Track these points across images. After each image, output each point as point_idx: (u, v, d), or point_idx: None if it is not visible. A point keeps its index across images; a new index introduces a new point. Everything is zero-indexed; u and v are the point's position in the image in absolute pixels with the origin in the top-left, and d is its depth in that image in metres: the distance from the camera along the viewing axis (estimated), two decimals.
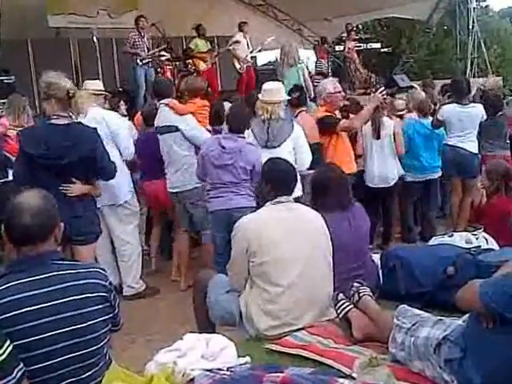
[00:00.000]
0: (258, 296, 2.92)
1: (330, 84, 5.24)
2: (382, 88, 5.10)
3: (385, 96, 5.05)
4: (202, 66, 9.63)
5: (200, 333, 2.71)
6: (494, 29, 20.38)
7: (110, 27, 10.12)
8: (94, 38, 8.46)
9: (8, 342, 1.86)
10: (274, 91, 4.52)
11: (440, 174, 5.96)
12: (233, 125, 4.39)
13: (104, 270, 2.29)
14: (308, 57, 12.18)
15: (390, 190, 5.69)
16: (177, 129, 4.75)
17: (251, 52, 10.05)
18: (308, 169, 4.52)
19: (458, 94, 5.87)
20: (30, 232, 2.04)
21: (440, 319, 2.67)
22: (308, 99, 6.06)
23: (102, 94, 4.86)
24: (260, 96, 4.58)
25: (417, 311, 2.91)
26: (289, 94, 4.94)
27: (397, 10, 13.25)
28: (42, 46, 9.32)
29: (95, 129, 3.75)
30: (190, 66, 9.53)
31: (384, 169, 5.62)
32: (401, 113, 6.29)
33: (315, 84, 7.70)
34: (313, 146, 4.71)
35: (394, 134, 5.64)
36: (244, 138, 4.39)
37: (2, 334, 1.88)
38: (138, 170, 5.22)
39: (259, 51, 10.63)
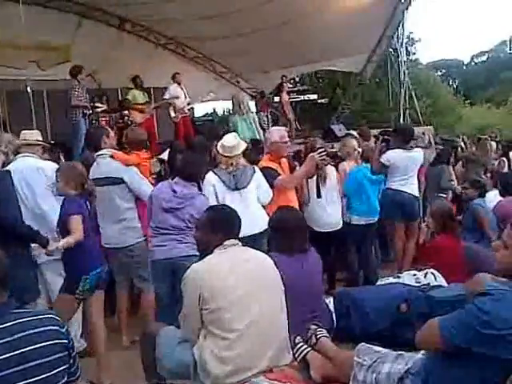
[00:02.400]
0: (213, 344, 2.81)
1: (277, 133, 5.21)
2: (322, 149, 4.96)
3: (324, 157, 4.90)
4: (139, 117, 9.53)
5: None
6: (424, 80, 21.56)
7: (40, 79, 9.85)
8: (28, 89, 8.19)
9: None
10: (235, 147, 4.66)
11: (378, 218, 5.99)
12: (185, 172, 4.36)
13: (57, 316, 2.22)
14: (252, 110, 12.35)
15: (333, 234, 5.69)
16: (122, 181, 4.55)
17: (188, 104, 10.10)
18: None
19: (403, 140, 5.95)
20: None
21: (400, 354, 2.70)
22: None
23: (39, 145, 4.69)
24: (221, 150, 4.68)
25: (376, 348, 2.94)
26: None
27: (332, 62, 13.73)
28: None
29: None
30: (126, 117, 9.37)
31: (329, 214, 5.65)
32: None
33: None
34: None
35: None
36: (195, 186, 4.38)
37: None
38: None
39: (201, 102, 10.67)
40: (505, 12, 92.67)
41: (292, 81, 12.38)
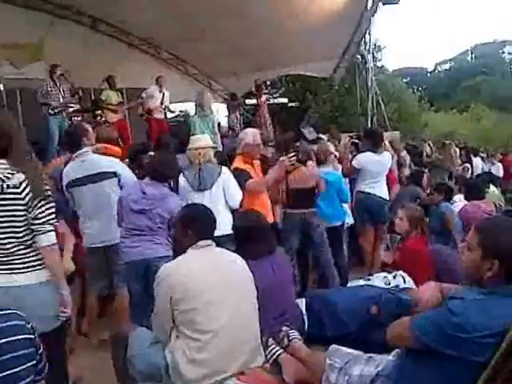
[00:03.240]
0: (184, 346, 2.81)
1: (250, 135, 5.21)
2: (292, 154, 4.99)
3: (293, 162, 4.96)
4: (112, 117, 9.52)
5: None
6: (390, 87, 21.98)
7: (14, 77, 9.80)
8: (1, 86, 8.12)
9: None
10: (202, 138, 4.76)
11: (341, 222, 6.02)
12: (155, 173, 4.34)
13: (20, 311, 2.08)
14: (217, 110, 12.41)
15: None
16: (114, 174, 4.48)
17: (165, 107, 10.11)
18: None
19: (373, 143, 6.02)
20: None
21: (370, 356, 2.75)
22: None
23: None
24: (189, 145, 4.73)
25: (348, 350, 2.99)
26: None
27: (302, 67, 13.88)
28: None
29: None
30: (99, 117, 9.35)
31: None
32: None
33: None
34: None
35: None
36: (166, 186, 4.37)
37: None
38: None
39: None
40: (468, 22, 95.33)
41: (264, 84, 12.47)
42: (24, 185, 2.72)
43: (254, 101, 12.40)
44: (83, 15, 11.69)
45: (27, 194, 2.72)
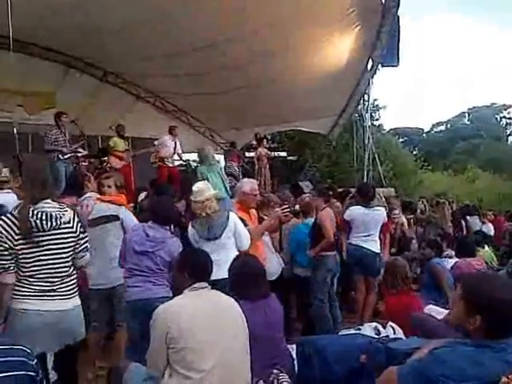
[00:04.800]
0: (177, 382, 2.92)
1: (248, 184, 5.33)
2: (285, 206, 5.20)
3: (287, 214, 5.13)
4: (118, 163, 9.82)
5: None
6: (386, 145, 22.44)
7: (26, 123, 10.21)
8: (15, 130, 8.47)
9: None
10: (205, 189, 4.76)
11: None
12: (157, 216, 4.44)
13: (28, 348, 2.17)
14: (218, 160, 12.68)
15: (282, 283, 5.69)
16: (117, 218, 4.69)
17: (179, 155, 10.45)
18: None
19: (364, 198, 6.20)
20: None
21: None
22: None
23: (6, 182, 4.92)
24: (192, 198, 4.78)
25: None
26: None
27: (301, 123, 14.29)
28: None
29: None
30: (105, 163, 9.67)
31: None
32: None
33: None
34: None
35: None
36: (167, 229, 4.48)
37: None
38: None
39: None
40: (465, 84, 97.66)
41: (264, 138, 12.84)
42: (74, 220, 3.26)
43: (253, 153, 12.70)
44: (94, 67, 12.23)
45: (77, 228, 3.25)
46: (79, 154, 9.03)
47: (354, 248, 6.15)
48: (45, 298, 3.20)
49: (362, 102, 13.97)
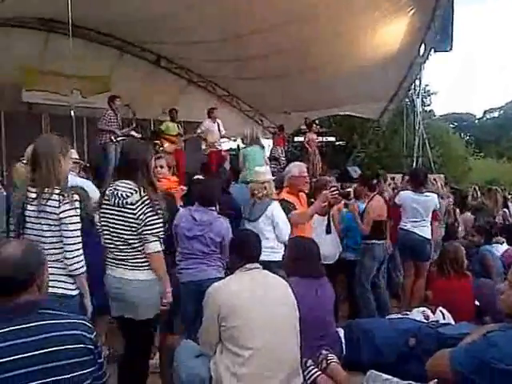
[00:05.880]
0: (228, 360, 3.00)
1: (296, 167, 5.33)
2: (334, 188, 5.12)
3: (336, 195, 5.05)
4: (170, 147, 10.00)
5: None
6: (437, 131, 21.95)
7: (82, 106, 10.50)
8: (72, 113, 8.78)
9: None
10: (266, 172, 4.97)
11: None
12: (203, 198, 4.51)
13: (89, 322, 2.20)
14: (269, 145, 12.74)
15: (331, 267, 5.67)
16: None
17: (222, 137, 10.45)
18: None
19: (415, 183, 6.17)
20: (5, 285, 2.02)
21: (410, 383, 2.91)
22: None
23: (77, 163, 4.95)
24: (254, 177, 4.96)
25: (386, 376, 3.21)
26: None
27: (351, 108, 14.13)
28: (14, 118, 9.60)
29: None
30: (157, 146, 9.85)
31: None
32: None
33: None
34: None
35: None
36: (213, 210, 4.53)
37: None
38: None
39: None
40: None
41: (313, 122, 12.80)
42: (138, 204, 3.31)
43: (302, 138, 12.68)
44: (148, 52, 12.48)
45: (139, 211, 3.31)
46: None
47: (404, 233, 6.12)
48: (113, 265, 3.43)
49: (413, 87, 13.76)
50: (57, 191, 3.07)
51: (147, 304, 3.40)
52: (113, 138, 8.62)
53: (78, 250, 3.10)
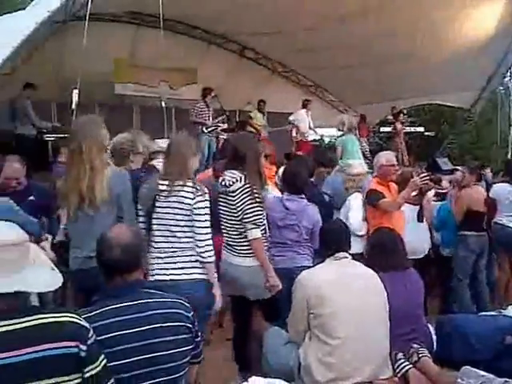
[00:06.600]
0: (317, 348, 3.02)
1: (384, 157, 5.29)
2: (424, 174, 5.01)
3: (426, 181, 4.91)
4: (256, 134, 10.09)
5: None
6: None
7: (170, 97, 10.72)
8: (163, 103, 9.10)
9: (103, 357, 1.90)
10: (361, 165, 5.20)
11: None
12: (293, 186, 4.50)
13: (187, 302, 2.33)
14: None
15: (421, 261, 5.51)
16: None
17: (310, 129, 10.53)
18: None
19: (510, 175, 6.02)
20: (120, 265, 2.18)
21: (507, 381, 2.83)
22: None
23: None
24: (347, 169, 5.09)
25: (481, 372, 3.07)
26: None
27: (440, 97, 13.60)
28: (107, 110, 10.00)
29: None
30: None
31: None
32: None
33: None
34: None
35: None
36: (304, 198, 4.52)
37: (99, 348, 1.91)
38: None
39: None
40: None
41: (401, 112, 12.47)
42: (237, 192, 3.58)
43: (388, 128, 12.40)
44: (234, 43, 12.61)
45: (238, 199, 3.58)
46: (219, 129, 9.43)
47: (499, 227, 5.91)
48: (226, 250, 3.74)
49: (508, 74, 12.99)
50: (190, 184, 3.29)
51: (256, 288, 3.65)
52: (204, 129, 8.86)
53: (209, 239, 3.29)
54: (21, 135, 8.16)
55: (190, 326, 2.26)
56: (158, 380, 2.13)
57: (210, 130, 8.99)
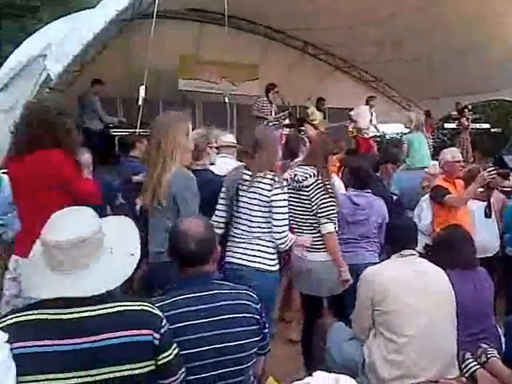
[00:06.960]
0: (382, 345, 2.99)
1: (449, 153, 5.26)
2: (491, 168, 4.89)
3: (494, 176, 4.84)
4: (313, 132, 10.02)
5: None
6: None
7: (232, 93, 10.87)
8: (226, 99, 9.23)
9: (175, 345, 1.96)
10: (435, 166, 5.13)
11: None
12: (359, 181, 4.55)
13: (255, 294, 2.37)
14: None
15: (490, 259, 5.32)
16: None
17: (374, 126, 10.44)
18: None
19: None
20: (193, 256, 2.24)
21: None
22: None
23: (235, 147, 5.09)
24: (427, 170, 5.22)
25: None
26: None
27: (506, 92, 13.15)
28: (171, 106, 10.19)
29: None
30: (302, 132, 9.98)
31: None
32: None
33: None
34: None
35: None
36: (369, 192, 4.54)
37: (171, 337, 1.97)
38: None
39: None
40: None
41: (466, 108, 12.12)
42: (311, 186, 3.73)
43: (453, 125, 12.09)
44: (295, 39, 12.59)
45: (313, 193, 3.72)
46: (281, 124, 9.47)
47: None
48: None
49: None
50: (269, 176, 3.37)
51: (330, 283, 3.74)
52: (265, 123, 8.94)
53: (286, 230, 3.37)
54: (88, 129, 8.43)
55: (258, 317, 2.30)
56: (226, 370, 2.17)
57: (271, 124, 9.04)
